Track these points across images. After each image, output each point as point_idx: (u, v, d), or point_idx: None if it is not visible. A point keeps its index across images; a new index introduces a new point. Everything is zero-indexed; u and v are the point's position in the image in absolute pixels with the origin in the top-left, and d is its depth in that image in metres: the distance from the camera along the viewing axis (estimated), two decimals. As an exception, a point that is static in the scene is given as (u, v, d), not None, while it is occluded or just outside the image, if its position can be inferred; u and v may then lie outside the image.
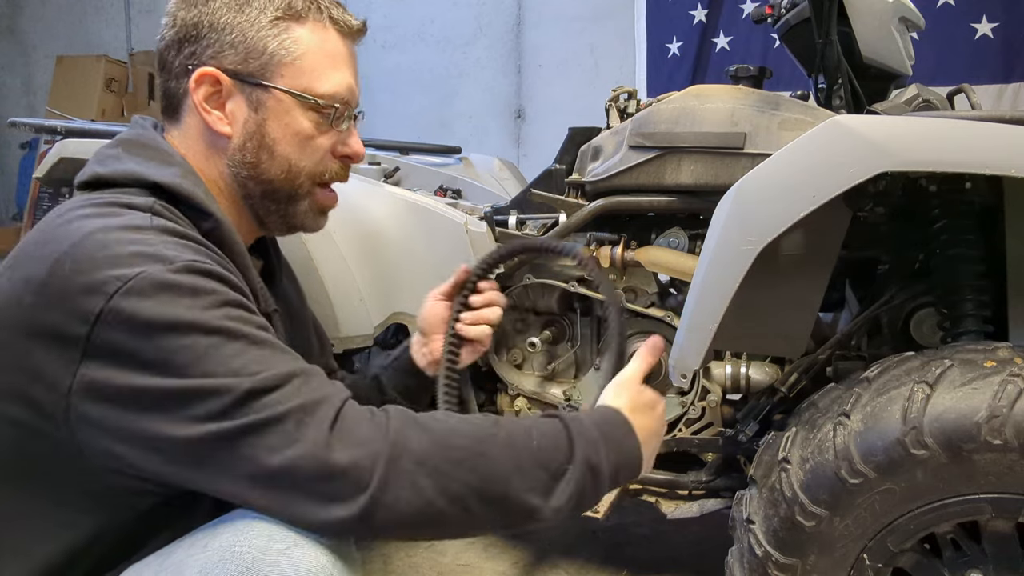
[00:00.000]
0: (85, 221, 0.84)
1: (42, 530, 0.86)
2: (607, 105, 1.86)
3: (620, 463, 0.90)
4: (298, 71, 0.96)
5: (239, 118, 0.96)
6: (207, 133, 0.97)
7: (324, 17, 0.98)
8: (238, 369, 0.76)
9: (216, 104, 0.96)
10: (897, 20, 1.70)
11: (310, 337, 1.23)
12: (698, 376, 1.66)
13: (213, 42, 0.94)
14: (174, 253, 0.81)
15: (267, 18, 0.95)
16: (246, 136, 0.97)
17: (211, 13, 0.94)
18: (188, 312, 0.77)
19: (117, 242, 0.80)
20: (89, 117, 4.81)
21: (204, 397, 0.75)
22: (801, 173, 1.15)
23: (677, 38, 4.14)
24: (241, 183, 0.99)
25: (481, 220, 1.75)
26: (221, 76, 0.94)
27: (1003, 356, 1.14)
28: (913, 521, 1.13)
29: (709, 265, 1.23)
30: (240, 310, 0.82)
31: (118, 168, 0.92)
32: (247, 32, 0.94)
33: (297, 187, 1.01)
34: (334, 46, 0.99)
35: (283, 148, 0.98)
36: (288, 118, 0.97)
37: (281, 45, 0.95)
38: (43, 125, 2.05)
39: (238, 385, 0.75)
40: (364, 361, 1.97)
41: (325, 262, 1.68)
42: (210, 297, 0.79)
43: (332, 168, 1.04)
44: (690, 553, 2.07)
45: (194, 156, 0.99)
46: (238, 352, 0.77)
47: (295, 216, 1.04)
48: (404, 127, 4.46)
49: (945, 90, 1.76)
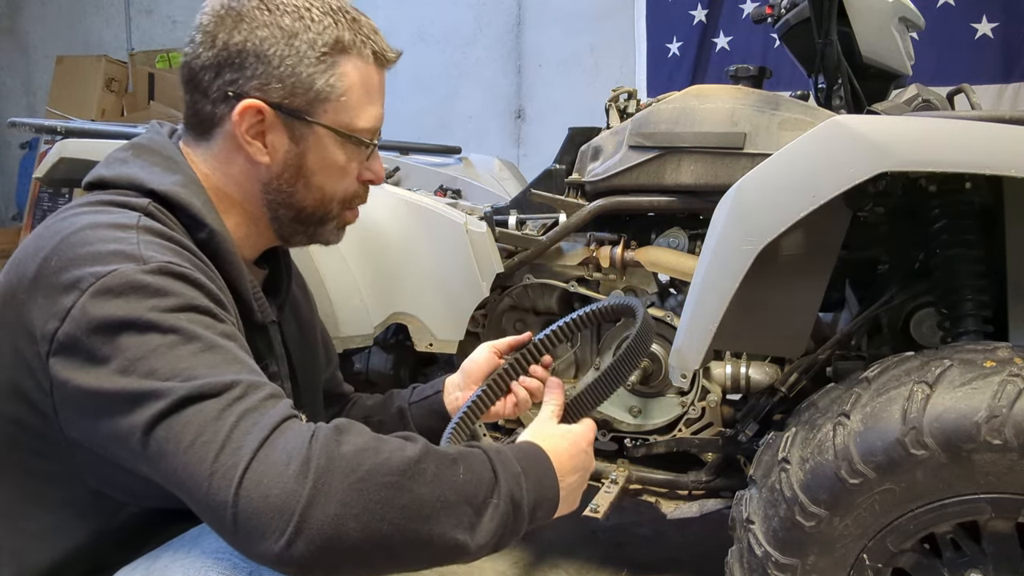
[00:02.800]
0: (76, 218, 0.85)
1: (37, 533, 0.87)
2: (607, 105, 1.86)
3: (539, 498, 0.85)
4: (342, 108, 0.96)
5: (279, 149, 0.96)
6: (241, 159, 0.97)
7: (368, 51, 0.97)
8: (181, 371, 0.74)
9: (255, 134, 0.95)
10: (897, 20, 1.70)
11: (318, 350, 1.23)
12: (698, 376, 1.66)
13: (259, 74, 0.93)
14: (151, 253, 0.81)
15: (316, 53, 0.93)
16: (285, 166, 0.97)
17: (258, 42, 0.92)
18: (149, 312, 0.76)
19: (99, 240, 0.81)
20: (89, 117, 4.81)
21: (142, 399, 0.74)
22: (801, 173, 1.15)
23: (677, 38, 4.13)
24: (273, 208, 1.00)
25: (481, 220, 1.75)
26: (265, 109, 0.93)
27: (1003, 356, 1.14)
28: (913, 521, 1.13)
29: (709, 265, 1.23)
30: (204, 316, 0.80)
31: (121, 172, 0.93)
32: (296, 68, 0.93)
33: (328, 212, 1.03)
34: (373, 79, 0.99)
35: (319, 179, 0.99)
36: (327, 152, 0.97)
37: (328, 82, 0.94)
38: (43, 125, 2.05)
39: (174, 390, 0.73)
40: (364, 361, 1.97)
41: (325, 262, 1.68)
42: (175, 299, 0.79)
43: (359, 193, 1.05)
44: (690, 553, 2.07)
45: (225, 178, 0.98)
46: (188, 355, 0.76)
47: (320, 234, 1.06)
48: (404, 127, 4.46)
49: (945, 90, 1.76)
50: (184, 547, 0.81)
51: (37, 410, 0.82)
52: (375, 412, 1.26)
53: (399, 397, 1.27)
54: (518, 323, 1.82)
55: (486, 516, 0.79)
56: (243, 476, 0.69)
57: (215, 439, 0.71)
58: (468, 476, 0.79)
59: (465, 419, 1.12)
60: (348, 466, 0.71)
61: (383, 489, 0.72)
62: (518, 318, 1.82)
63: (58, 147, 1.83)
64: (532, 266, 1.77)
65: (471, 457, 0.81)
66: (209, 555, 0.78)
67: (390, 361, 1.95)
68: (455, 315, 1.73)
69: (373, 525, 0.71)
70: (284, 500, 0.68)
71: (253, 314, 0.98)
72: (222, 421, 0.72)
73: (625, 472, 1.70)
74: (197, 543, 0.81)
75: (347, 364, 1.95)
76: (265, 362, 1.03)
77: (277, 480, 0.69)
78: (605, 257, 1.70)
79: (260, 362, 1.00)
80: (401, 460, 0.74)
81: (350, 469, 0.71)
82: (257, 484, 0.69)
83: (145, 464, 0.75)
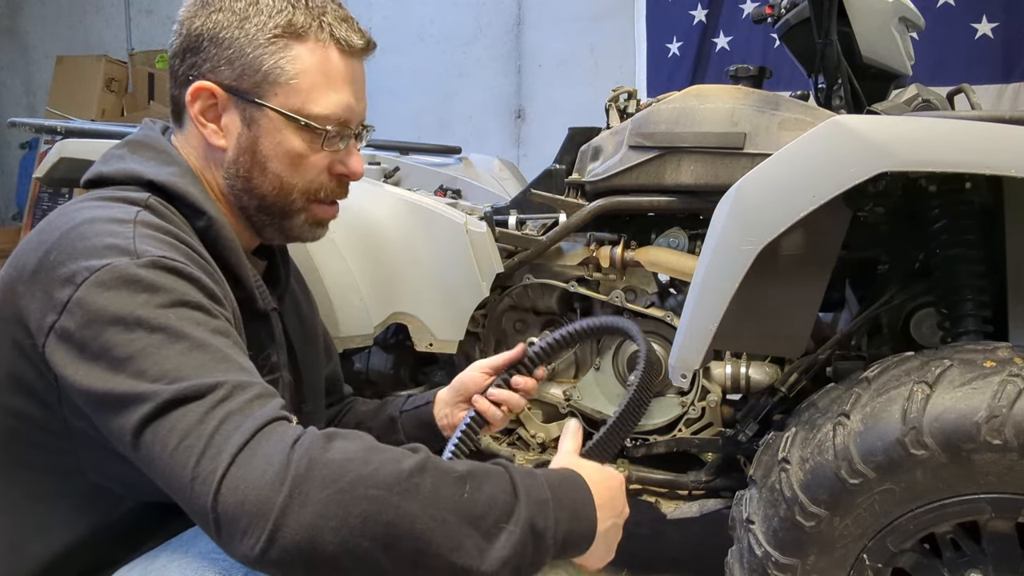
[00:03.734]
0: (77, 213, 0.86)
1: (37, 527, 0.87)
2: (607, 105, 1.86)
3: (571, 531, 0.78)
4: (292, 91, 0.95)
5: (233, 132, 0.97)
6: (204, 144, 0.99)
7: (326, 35, 0.96)
8: (167, 372, 0.74)
9: (212, 117, 0.97)
10: (897, 20, 1.70)
11: (319, 350, 1.23)
12: (698, 376, 1.66)
13: (212, 56, 0.94)
14: (145, 247, 0.81)
15: (265, 36, 0.94)
16: (239, 151, 0.97)
17: (213, 26, 0.94)
18: (139, 308, 0.77)
19: (97, 234, 0.82)
20: (89, 117, 4.81)
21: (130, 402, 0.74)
22: (801, 173, 1.15)
23: (677, 38, 4.13)
24: (236, 195, 1.00)
25: (481, 220, 1.75)
26: (216, 90, 0.95)
27: (1003, 356, 1.14)
28: (913, 521, 1.13)
29: (709, 265, 1.23)
30: (195, 311, 0.80)
31: (119, 167, 0.94)
32: (245, 49, 0.94)
33: (290, 203, 1.01)
34: (333, 66, 0.97)
35: (274, 165, 0.98)
36: (280, 136, 0.96)
37: (277, 64, 0.94)
38: (43, 125, 2.05)
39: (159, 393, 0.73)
40: (364, 361, 1.97)
41: (325, 262, 1.68)
42: (166, 295, 0.79)
43: (328, 186, 1.02)
44: (690, 553, 2.07)
45: (196, 162, 1.00)
46: (176, 354, 0.75)
47: (291, 229, 1.04)
48: (404, 127, 4.45)
49: (945, 90, 1.76)
50: (182, 547, 0.82)
51: (40, 401, 0.83)
52: (367, 419, 1.26)
53: (392, 406, 1.26)
54: (518, 323, 1.82)
55: (497, 543, 0.72)
56: (221, 481, 0.68)
57: (197, 443, 0.70)
58: (476, 496, 0.73)
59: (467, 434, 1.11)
60: (330, 475, 0.69)
61: (365, 502, 0.68)
62: (518, 318, 1.82)
63: (58, 147, 1.83)
64: (532, 266, 1.77)
65: (486, 476, 0.75)
66: (206, 555, 0.79)
67: (390, 361, 1.95)
68: (455, 315, 1.73)
69: (352, 540, 0.68)
70: (258, 507, 0.67)
71: (255, 302, 0.99)
72: (204, 425, 0.71)
73: (625, 472, 1.70)
74: (194, 543, 0.81)
75: (347, 364, 1.95)
76: (268, 351, 1.03)
77: (253, 486, 0.68)
78: (605, 257, 1.70)
79: (262, 351, 1.02)
80: (392, 473, 0.70)
81: (332, 479, 0.68)
82: (234, 490, 0.68)
83: (138, 464, 0.76)
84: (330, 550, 0.67)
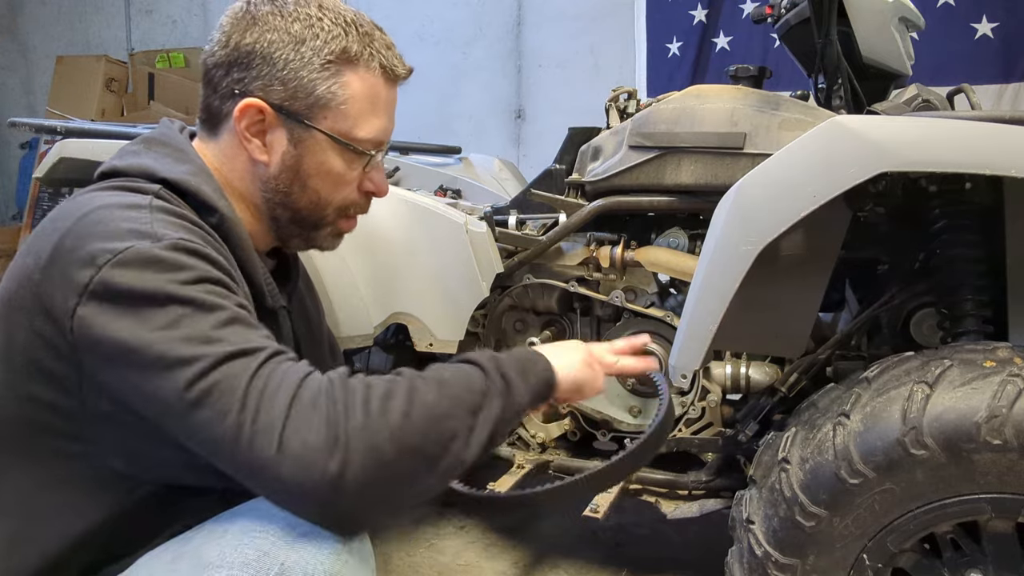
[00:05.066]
0: (90, 201, 0.88)
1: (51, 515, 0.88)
2: (607, 105, 1.86)
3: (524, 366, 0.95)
4: (342, 116, 0.98)
5: (277, 150, 0.99)
6: (244, 157, 1.00)
7: (375, 64, 1.00)
8: (208, 337, 0.79)
9: (257, 132, 0.99)
10: (897, 20, 1.70)
11: (324, 352, 1.25)
12: (698, 376, 1.66)
13: (264, 74, 0.96)
14: (164, 231, 0.84)
15: (320, 60, 0.96)
16: (282, 167, 1.00)
17: (267, 45, 0.96)
18: (168, 285, 0.80)
19: (114, 219, 0.84)
20: (89, 117, 4.80)
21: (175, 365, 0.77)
22: (801, 173, 1.15)
23: (677, 38, 4.13)
24: (271, 207, 1.03)
25: (481, 220, 1.75)
26: (266, 108, 0.97)
27: (1003, 356, 1.14)
28: (913, 521, 1.13)
29: (709, 265, 1.23)
30: (219, 287, 0.84)
31: (133, 162, 0.96)
32: (299, 72, 0.96)
33: (323, 217, 1.05)
34: (379, 92, 1.01)
35: (315, 183, 1.01)
36: (324, 157, 1.00)
37: (329, 89, 0.97)
38: (43, 125, 2.05)
39: (205, 355, 0.77)
40: (364, 361, 1.97)
41: (325, 262, 1.68)
42: (191, 272, 0.82)
43: (359, 202, 1.07)
44: (690, 553, 2.07)
45: (231, 172, 1.01)
46: (211, 324, 0.80)
47: (316, 239, 1.08)
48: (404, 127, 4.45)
49: (945, 90, 1.76)
50: (217, 528, 0.84)
51: (60, 386, 0.84)
52: None
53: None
54: (518, 323, 1.82)
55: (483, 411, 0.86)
56: (283, 431, 0.75)
57: (249, 402, 0.76)
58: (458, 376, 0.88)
59: None
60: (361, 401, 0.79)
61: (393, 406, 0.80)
62: (518, 318, 1.82)
63: (58, 147, 1.83)
64: (532, 266, 1.77)
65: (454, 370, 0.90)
66: (245, 533, 0.81)
67: (390, 361, 1.96)
68: (455, 315, 1.73)
69: (400, 437, 0.78)
70: (323, 439, 0.75)
71: (264, 298, 1.01)
72: (253, 385, 0.77)
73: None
74: (230, 522, 0.83)
75: (347, 364, 1.94)
76: None
77: (311, 427, 0.76)
78: (605, 257, 1.70)
79: None
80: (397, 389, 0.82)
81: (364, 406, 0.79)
82: (296, 433, 0.75)
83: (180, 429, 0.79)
84: (390, 453, 0.77)
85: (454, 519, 2.22)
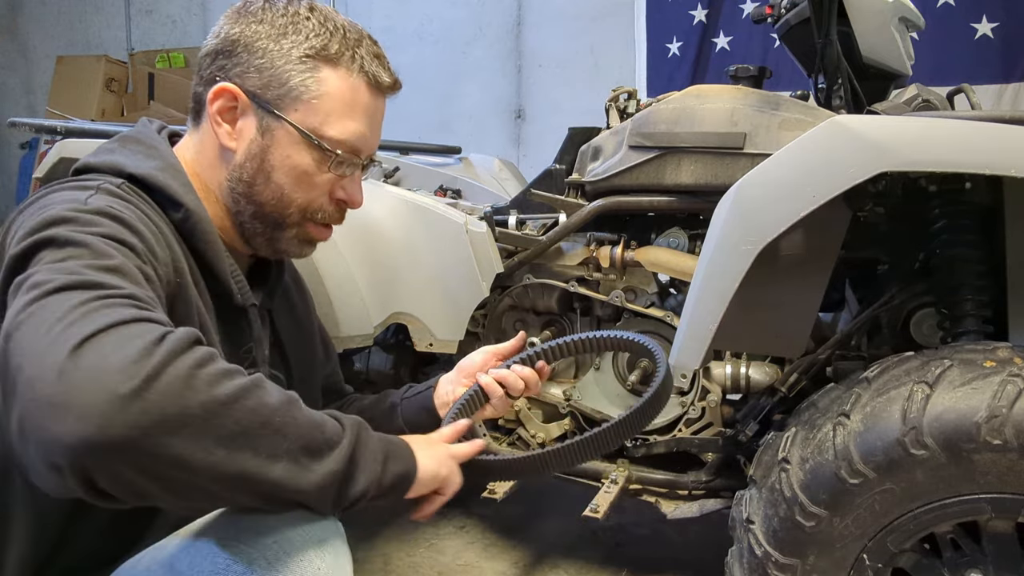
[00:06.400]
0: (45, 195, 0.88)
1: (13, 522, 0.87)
2: (607, 105, 1.86)
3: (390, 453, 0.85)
4: (312, 110, 0.98)
5: (246, 137, 0.99)
6: (214, 144, 1.01)
7: (355, 67, 1.00)
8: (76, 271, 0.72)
9: (229, 119, 1.00)
10: (897, 20, 1.70)
11: (315, 344, 1.24)
12: (698, 376, 1.66)
13: (243, 61, 0.98)
14: (96, 203, 0.83)
15: (298, 53, 0.98)
16: (248, 156, 1.00)
17: (251, 35, 0.98)
18: (73, 233, 0.77)
19: (56, 202, 0.84)
20: (89, 117, 4.81)
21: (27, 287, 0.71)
22: (801, 173, 1.15)
23: (677, 38, 4.14)
24: (235, 198, 1.02)
25: (481, 220, 1.75)
26: (239, 94, 0.98)
27: (1003, 356, 1.14)
28: (913, 521, 1.13)
29: (709, 265, 1.23)
30: (125, 247, 0.79)
31: (105, 158, 0.96)
32: (276, 61, 0.97)
33: (286, 216, 1.03)
34: (357, 96, 1.01)
35: (279, 177, 1.00)
36: (291, 150, 0.99)
37: (303, 82, 0.98)
38: (43, 125, 2.05)
39: (55, 280, 0.71)
40: (364, 361, 1.97)
41: (325, 262, 1.68)
42: (102, 229, 0.79)
43: (327, 209, 1.05)
44: (690, 553, 2.07)
45: (202, 162, 1.02)
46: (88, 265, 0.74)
47: (280, 241, 1.06)
48: (404, 127, 4.46)
49: (945, 90, 1.76)
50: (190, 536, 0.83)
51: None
52: (368, 409, 1.27)
53: (394, 394, 1.28)
54: (518, 323, 1.82)
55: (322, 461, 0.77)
56: (87, 339, 0.65)
57: (73, 315, 0.67)
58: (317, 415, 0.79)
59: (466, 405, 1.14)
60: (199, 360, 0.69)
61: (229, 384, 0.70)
62: (518, 318, 1.82)
63: (58, 147, 1.83)
64: (532, 266, 1.77)
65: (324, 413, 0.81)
66: (217, 543, 0.80)
67: (390, 361, 1.96)
68: (455, 315, 1.73)
69: (218, 412, 0.68)
70: (127, 363, 0.64)
71: (232, 296, 1.00)
72: (90, 305, 0.68)
73: (625, 472, 1.71)
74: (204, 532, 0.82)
75: (347, 364, 1.95)
76: (248, 345, 1.05)
77: (121, 349, 0.65)
78: (605, 257, 1.70)
79: (241, 345, 1.04)
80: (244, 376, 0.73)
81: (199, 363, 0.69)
82: (100, 346, 0.65)
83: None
84: (196, 417, 0.67)
85: (454, 519, 2.22)
